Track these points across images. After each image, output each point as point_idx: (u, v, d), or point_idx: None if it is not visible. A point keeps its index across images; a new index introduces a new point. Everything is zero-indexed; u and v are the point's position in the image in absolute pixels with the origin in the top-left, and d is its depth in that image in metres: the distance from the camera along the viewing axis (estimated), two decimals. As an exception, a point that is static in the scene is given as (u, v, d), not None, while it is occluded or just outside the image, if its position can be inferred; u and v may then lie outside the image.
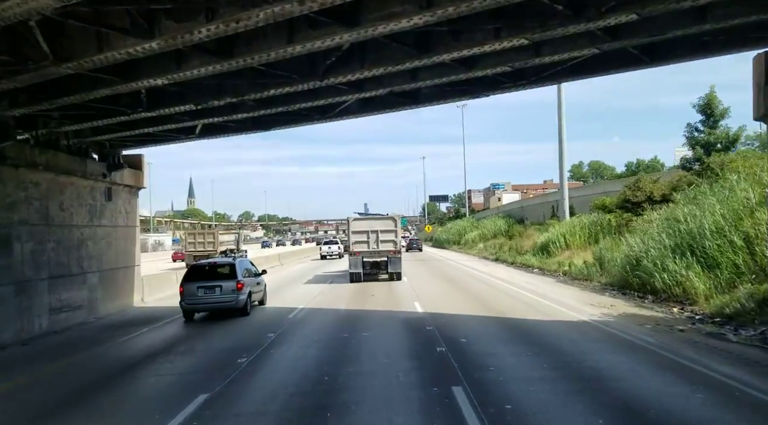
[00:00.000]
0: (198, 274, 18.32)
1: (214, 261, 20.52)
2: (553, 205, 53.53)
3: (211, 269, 18.65)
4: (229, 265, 18.54)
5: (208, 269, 18.67)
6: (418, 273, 33.13)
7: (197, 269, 18.82)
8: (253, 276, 19.71)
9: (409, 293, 22.63)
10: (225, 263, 18.97)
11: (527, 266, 34.70)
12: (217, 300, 17.73)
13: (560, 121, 40.93)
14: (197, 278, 18.03)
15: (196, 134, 19.48)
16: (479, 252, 53.84)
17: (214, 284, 17.74)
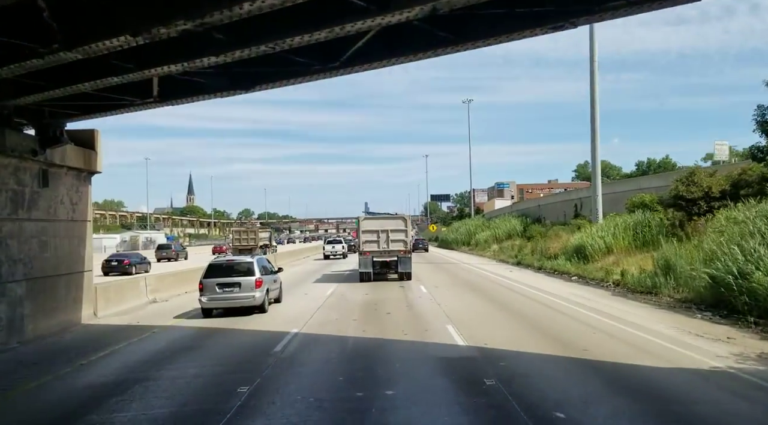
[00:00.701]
0: (217, 271, 17.95)
1: (233, 259, 19.85)
2: (576, 203, 48.36)
3: (230, 266, 18.29)
4: (247, 262, 18.32)
5: (227, 266, 18.30)
6: (436, 279, 27.87)
7: (217, 266, 18.28)
8: (270, 274, 19.44)
9: (434, 309, 17.38)
10: (244, 261, 18.65)
11: (561, 272, 29.46)
12: (236, 297, 17.49)
13: (593, 108, 35.65)
14: (217, 275, 17.72)
15: (154, 97, 14.19)
16: (494, 254, 48.58)
17: (233, 282, 17.53)
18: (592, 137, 35.68)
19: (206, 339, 14.11)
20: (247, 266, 18.11)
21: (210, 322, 16.65)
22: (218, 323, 16.49)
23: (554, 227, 45.34)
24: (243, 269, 18.04)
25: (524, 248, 43.57)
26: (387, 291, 22.99)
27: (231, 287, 17.52)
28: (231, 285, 17.54)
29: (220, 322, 16.55)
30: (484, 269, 34.64)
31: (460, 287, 24.52)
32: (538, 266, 33.93)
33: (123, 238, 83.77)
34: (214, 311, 17.90)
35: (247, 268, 18.02)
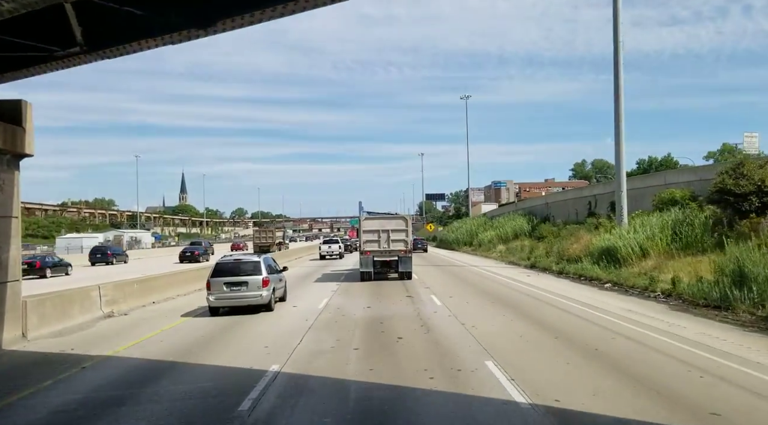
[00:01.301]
0: (225, 270, 17.84)
1: (240, 258, 19.63)
2: (589, 201, 44.35)
3: (237, 265, 18.09)
4: (254, 262, 18.19)
5: (234, 265, 18.10)
6: (447, 287, 23.77)
7: (224, 266, 18.14)
8: (275, 273, 19.46)
9: (461, 334, 13.14)
10: (250, 260, 18.52)
11: (589, 278, 25.39)
12: (243, 296, 17.39)
13: (617, 97, 31.61)
14: (224, 274, 17.65)
15: (79, 44, 10.03)
16: (502, 256, 44.51)
17: (240, 281, 17.44)
18: (616, 128, 31.62)
19: (149, 382, 9.90)
20: (254, 265, 17.96)
21: (166, 350, 12.45)
22: (176, 350, 12.31)
23: (567, 227, 41.32)
24: (249, 268, 17.84)
25: (536, 249, 39.52)
26: (393, 303, 18.87)
27: (238, 286, 17.39)
28: (238, 284, 17.40)
29: (179, 350, 12.37)
30: (497, 274, 30.54)
31: (479, 297, 20.38)
32: (558, 270, 29.87)
33: (106, 237, 79.16)
34: (220, 310, 17.71)
35: (253, 267, 17.85)
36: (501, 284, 24.74)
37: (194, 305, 20.16)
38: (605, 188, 42.47)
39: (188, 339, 13.56)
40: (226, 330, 14.70)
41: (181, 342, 13.31)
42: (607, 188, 42.12)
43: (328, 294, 22.30)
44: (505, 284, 25.04)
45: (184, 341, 13.39)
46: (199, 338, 13.67)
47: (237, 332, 14.43)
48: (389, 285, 25.04)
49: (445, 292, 21.74)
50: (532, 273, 30.69)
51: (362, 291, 23.12)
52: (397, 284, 25.55)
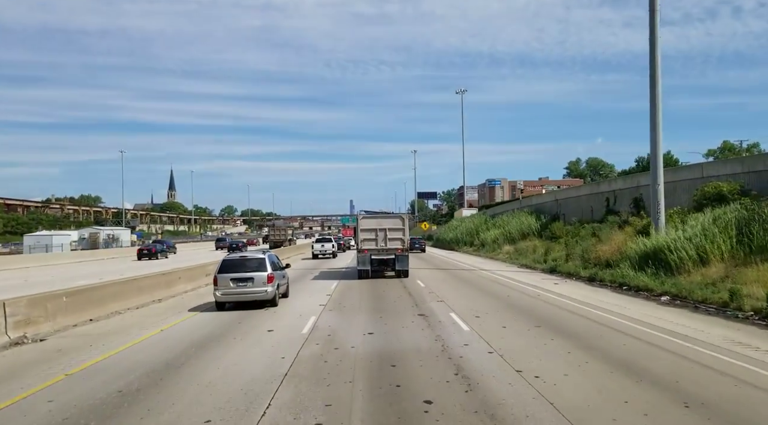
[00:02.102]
0: (231, 266, 17.93)
1: (245, 255, 19.56)
2: (607, 197, 39.52)
3: (242, 262, 18.26)
4: (259, 259, 18.34)
5: (242, 261, 18.29)
6: (467, 300, 18.69)
7: (230, 262, 18.25)
8: (279, 269, 19.61)
9: (526, 396, 8.04)
10: (255, 257, 18.60)
11: (633, 287, 20.54)
12: (249, 292, 17.61)
13: (654, 73, 26.77)
14: (230, 270, 17.75)
15: None
16: (511, 258, 39.62)
17: (246, 277, 17.66)
18: (652, 112, 26.72)
19: None
20: (259, 262, 18.10)
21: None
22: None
23: (586, 226, 36.50)
24: (255, 265, 18.00)
25: (551, 251, 34.67)
26: (402, 327, 13.80)
27: (245, 282, 17.62)
28: (244, 280, 17.62)
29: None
30: (517, 280, 25.59)
31: (514, 316, 15.27)
32: (589, 276, 25.00)
33: (81, 235, 73.43)
34: (226, 305, 17.87)
35: (258, 264, 18.01)
36: (530, 296, 19.75)
37: (146, 325, 15.13)
38: (626, 183, 37.68)
39: (108, 390, 8.48)
40: (191, 363, 9.65)
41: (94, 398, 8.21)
42: (629, 183, 37.36)
43: (317, 309, 17.28)
44: (534, 295, 20.07)
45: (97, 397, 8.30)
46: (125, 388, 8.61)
47: (194, 366, 9.37)
48: (393, 296, 20.12)
49: (466, 308, 16.78)
50: (556, 279, 25.79)
51: (360, 304, 18.16)
52: (401, 293, 20.67)
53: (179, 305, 19.56)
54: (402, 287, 22.77)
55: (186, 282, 25.14)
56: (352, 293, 21.66)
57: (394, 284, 24.34)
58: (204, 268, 28.29)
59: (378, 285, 24.13)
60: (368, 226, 27.24)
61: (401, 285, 23.49)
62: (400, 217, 28.59)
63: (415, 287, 22.89)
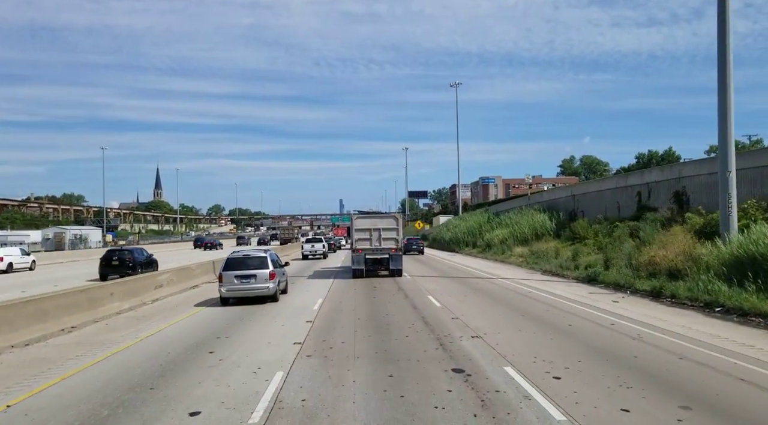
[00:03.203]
0: (235, 264, 18.40)
1: (248, 253, 19.62)
2: (638, 191, 33.46)
3: (245, 260, 18.63)
4: (261, 257, 18.69)
5: (243, 260, 18.65)
6: (510, 332, 12.23)
7: (234, 260, 18.66)
8: (279, 267, 19.98)
9: None
10: (258, 255, 18.92)
11: (727, 309, 14.39)
12: (252, 288, 18.05)
13: (723, 44, 20.63)
14: (234, 268, 18.22)
15: None
16: (526, 262, 33.40)
17: (249, 274, 18.11)
18: (721, 87, 20.52)
19: None
20: (261, 260, 18.51)
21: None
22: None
23: (619, 225, 30.37)
24: (257, 262, 18.41)
25: (581, 255, 28.50)
26: (436, 400, 7.51)
27: (248, 279, 18.05)
28: (248, 277, 18.05)
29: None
30: (558, 295, 19.19)
31: (632, 384, 8.68)
32: (650, 289, 18.83)
33: (45, 235, 66.16)
34: (230, 301, 18.20)
35: (261, 262, 18.42)
36: (602, 326, 13.36)
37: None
38: (663, 174, 31.60)
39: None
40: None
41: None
42: (667, 174, 31.27)
43: (290, 354, 10.87)
44: (604, 323, 13.65)
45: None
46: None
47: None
48: (401, 323, 13.71)
49: (524, 353, 10.41)
50: (605, 292, 19.56)
51: (354, 347, 11.72)
52: (413, 319, 14.26)
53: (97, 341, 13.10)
54: (411, 308, 16.49)
55: (122, 300, 18.66)
56: (340, 332, 15.34)
57: (398, 301, 18.10)
58: (155, 278, 21.84)
59: (379, 303, 17.88)
60: (362, 226, 26.94)
61: (410, 305, 17.21)
62: (393, 217, 28.39)
63: (429, 308, 16.59)
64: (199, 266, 27.70)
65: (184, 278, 24.55)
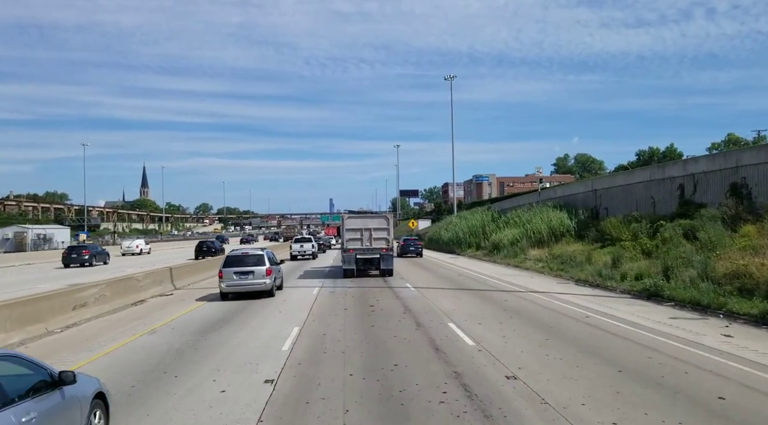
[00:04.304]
0: (234, 261, 19.03)
1: (247, 251, 20.34)
2: (681, 183, 27.80)
3: (245, 257, 19.20)
4: (258, 255, 19.30)
5: (243, 257, 19.21)
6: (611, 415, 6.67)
7: (233, 258, 19.30)
8: (275, 264, 20.53)
9: None
10: (255, 253, 19.51)
11: None
12: (250, 283, 18.64)
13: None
14: (233, 265, 18.86)
15: None
16: (548, 267, 27.69)
17: (247, 270, 18.70)
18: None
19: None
20: (258, 257, 19.11)
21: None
22: None
23: (664, 224, 24.72)
24: (255, 260, 19.03)
25: (622, 261, 22.80)
26: None
27: (246, 275, 18.65)
28: (246, 273, 18.65)
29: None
30: (641, 326, 13.08)
31: None
32: (759, 314, 13.16)
33: (4, 234, 59.42)
34: (229, 296, 18.79)
35: (258, 259, 19.05)
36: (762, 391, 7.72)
37: None
38: (715, 163, 25.95)
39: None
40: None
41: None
42: (720, 163, 25.61)
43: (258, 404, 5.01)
44: (759, 388, 8.02)
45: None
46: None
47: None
48: (435, 412, 7.83)
49: None
50: (701, 320, 13.77)
51: None
52: (450, 392, 8.28)
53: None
54: (431, 350, 10.61)
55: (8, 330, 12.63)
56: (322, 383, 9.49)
57: (408, 335, 12.28)
58: (72, 295, 15.80)
59: (380, 338, 12.04)
60: (353, 226, 26.45)
61: (427, 344, 11.35)
62: (384, 216, 27.97)
63: (458, 351, 10.66)
64: (149, 275, 21.68)
65: (123, 292, 18.56)
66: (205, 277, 28.68)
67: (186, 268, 26.80)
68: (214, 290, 21.75)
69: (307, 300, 18.55)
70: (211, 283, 26.37)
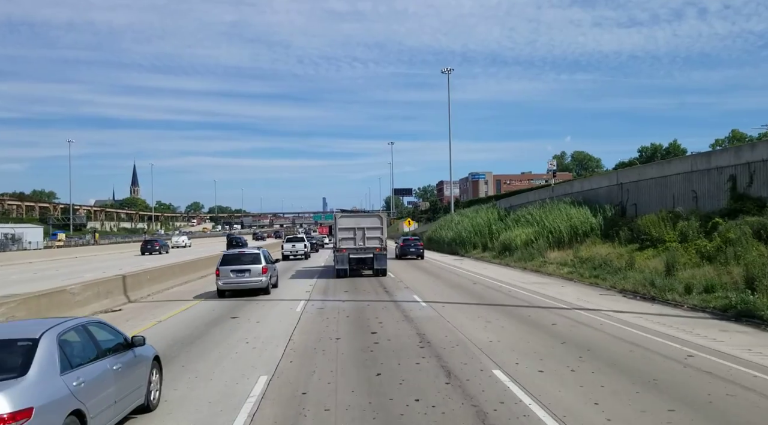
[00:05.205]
0: (231, 260, 19.24)
1: (243, 250, 21.29)
2: (732, 174, 23.32)
3: (241, 256, 19.53)
4: (254, 253, 19.63)
5: (239, 256, 19.53)
6: None
7: (230, 256, 19.55)
8: (271, 263, 20.89)
9: None
10: (252, 252, 19.96)
11: None
12: (246, 281, 18.79)
13: None
14: (230, 263, 19.05)
15: None
16: (577, 273, 23.21)
17: (244, 268, 18.88)
18: None
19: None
20: (254, 256, 19.39)
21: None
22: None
23: (725, 223, 20.29)
24: (251, 258, 19.28)
25: (677, 267, 18.32)
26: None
27: (242, 273, 18.78)
28: (242, 271, 18.79)
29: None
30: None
31: None
32: None
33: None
34: (226, 293, 18.91)
35: (254, 258, 19.31)
36: None
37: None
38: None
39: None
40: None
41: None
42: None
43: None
44: None
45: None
46: None
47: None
48: None
49: None
50: None
51: None
52: None
53: None
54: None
55: None
56: None
57: (437, 397, 7.67)
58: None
59: (390, 405, 7.44)
60: (346, 225, 26.04)
61: (473, 416, 6.76)
62: (378, 215, 27.38)
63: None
64: (90, 286, 16.88)
65: (45, 310, 13.82)
66: (179, 283, 24.19)
67: (149, 274, 22.09)
68: (182, 302, 17.27)
69: (287, 321, 13.94)
70: (182, 291, 21.77)
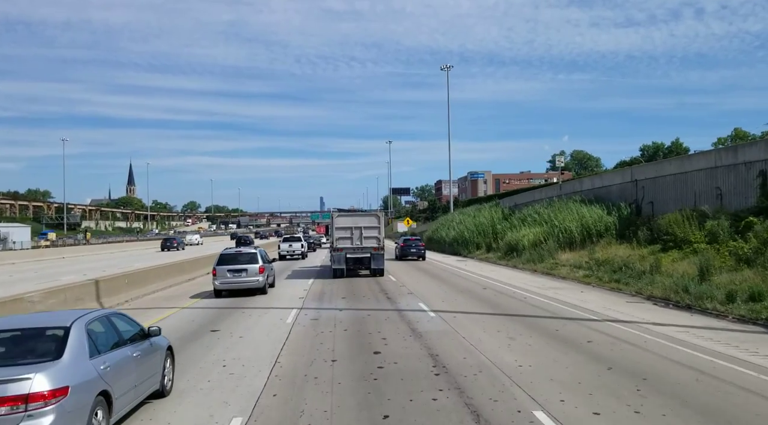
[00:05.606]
0: (228, 259, 19.09)
1: (240, 250, 20.62)
2: (763, 170, 21.48)
3: (238, 255, 19.38)
4: (251, 253, 19.45)
5: (236, 255, 19.42)
6: None
7: (227, 256, 19.30)
8: (268, 263, 20.73)
9: None
10: (249, 252, 19.77)
11: None
12: (243, 281, 18.65)
13: None
14: (227, 262, 18.92)
15: None
16: (596, 277, 21.32)
17: (241, 268, 18.76)
18: None
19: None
20: (251, 256, 19.24)
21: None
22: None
23: (756, 222, 18.39)
24: (248, 258, 19.12)
25: (712, 271, 16.41)
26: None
27: (239, 273, 18.67)
28: (239, 271, 18.68)
29: None
30: None
31: None
32: None
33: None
34: (223, 293, 18.76)
35: (251, 257, 19.15)
36: None
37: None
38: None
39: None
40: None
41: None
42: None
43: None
44: None
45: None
46: None
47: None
48: None
49: None
50: None
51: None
52: None
53: None
54: None
55: None
56: None
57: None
58: None
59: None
60: (343, 224, 25.56)
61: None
62: (375, 215, 27.11)
63: None
64: (54, 293, 14.85)
65: None
66: (164, 286, 22.28)
67: (128, 278, 20.07)
68: (160, 310, 15.39)
69: (275, 337, 11.97)
70: (164, 296, 19.83)
